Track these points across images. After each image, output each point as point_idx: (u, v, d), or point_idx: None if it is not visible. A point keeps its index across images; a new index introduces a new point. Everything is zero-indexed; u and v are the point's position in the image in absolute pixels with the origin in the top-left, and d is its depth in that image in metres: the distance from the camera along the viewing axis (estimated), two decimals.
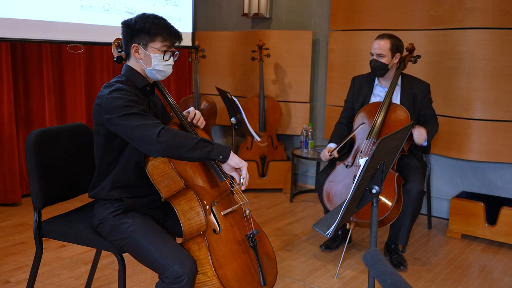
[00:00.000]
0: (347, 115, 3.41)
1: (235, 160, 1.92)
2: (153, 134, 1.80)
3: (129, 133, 1.85)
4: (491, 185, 3.87)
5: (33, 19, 3.77)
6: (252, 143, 4.68)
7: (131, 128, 1.83)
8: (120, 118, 1.84)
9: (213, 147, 1.87)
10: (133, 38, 2.00)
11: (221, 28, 5.33)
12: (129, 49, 2.03)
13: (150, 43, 2.00)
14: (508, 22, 3.54)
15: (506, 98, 3.61)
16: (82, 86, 4.46)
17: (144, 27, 1.98)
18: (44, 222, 2.20)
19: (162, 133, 1.81)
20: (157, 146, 1.80)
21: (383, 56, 3.16)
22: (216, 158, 1.89)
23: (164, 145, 1.80)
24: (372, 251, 1.06)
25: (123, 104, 1.86)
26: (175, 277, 1.84)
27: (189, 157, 1.85)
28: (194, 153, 1.83)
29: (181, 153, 1.83)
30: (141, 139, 1.83)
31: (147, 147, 1.83)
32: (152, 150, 1.83)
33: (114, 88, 1.91)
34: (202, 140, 1.86)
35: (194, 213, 2.00)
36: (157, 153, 1.84)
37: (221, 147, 1.89)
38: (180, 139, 1.82)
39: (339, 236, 3.42)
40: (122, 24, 2.05)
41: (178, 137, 1.83)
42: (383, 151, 1.80)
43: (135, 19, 2.02)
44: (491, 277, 3.05)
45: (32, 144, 2.11)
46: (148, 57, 2.01)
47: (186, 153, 1.83)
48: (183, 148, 1.82)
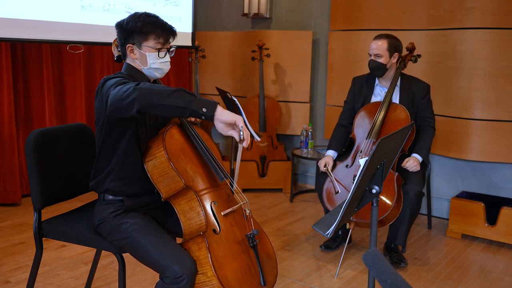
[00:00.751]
0: (347, 116, 3.41)
1: (226, 114, 1.71)
2: (131, 87, 1.73)
3: (114, 98, 1.75)
4: (491, 185, 3.87)
5: (33, 19, 3.77)
6: (252, 143, 4.68)
7: (116, 92, 1.75)
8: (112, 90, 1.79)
9: (195, 98, 1.70)
10: (127, 39, 2.00)
11: (221, 28, 5.33)
12: (124, 50, 2.03)
13: (144, 42, 1.99)
14: (508, 22, 3.54)
15: (506, 98, 3.61)
16: (82, 86, 4.47)
17: (136, 26, 1.98)
18: (44, 222, 2.20)
19: (140, 84, 1.74)
20: (134, 95, 1.69)
21: (380, 56, 3.16)
22: (198, 110, 1.69)
23: (141, 93, 1.69)
24: (372, 251, 1.06)
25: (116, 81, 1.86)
26: (175, 277, 1.84)
27: (167, 105, 1.68)
28: (172, 101, 1.68)
29: (159, 99, 1.68)
30: (122, 97, 1.73)
31: (127, 101, 1.71)
32: (131, 102, 1.70)
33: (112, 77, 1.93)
34: (183, 90, 1.72)
35: (194, 213, 2.00)
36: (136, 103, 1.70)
37: (206, 100, 1.71)
38: (159, 87, 1.72)
39: (339, 236, 3.42)
40: (115, 25, 2.04)
41: (157, 86, 1.74)
42: (383, 151, 1.80)
43: (127, 19, 2.01)
44: (491, 277, 3.05)
45: (32, 144, 2.11)
46: (143, 57, 2.01)
47: (163, 99, 1.68)
48: (161, 95, 1.69)
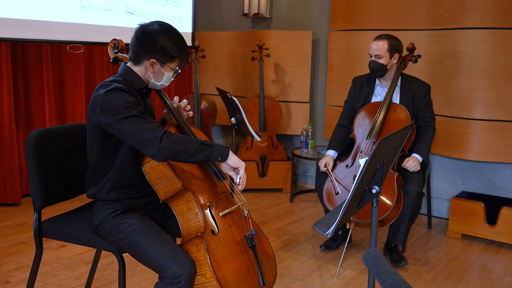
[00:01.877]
0: (347, 116, 3.41)
1: (233, 160, 1.97)
2: (155, 139, 1.82)
3: (130, 138, 1.87)
4: (491, 185, 3.87)
5: (33, 19, 3.77)
6: (252, 143, 4.68)
7: (133, 133, 1.84)
8: (120, 122, 1.83)
9: (213, 150, 1.92)
10: (153, 53, 1.94)
11: (221, 28, 5.33)
12: (142, 58, 1.97)
13: (169, 63, 1.98)
14: (508, 22, 3.54)
15: (506, 98, 3.61)
16: (82, 86, 4.46)
17: (171, 48, 1.94)
18: (44, 222, 2.20)
19: (164, 139, 1.83)
20: (160, 151, 1.83)
21: (381, 57, 3.16)
22: (216, 159, 1.95)
23: (167, 151, 1.84)
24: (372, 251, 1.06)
25: (122, 105, 1.84)
26: (174, 277, 1.84)
27: (191, 161, 1.90)
28: (195, 157, 1.88)
29: (183, 157, 1.88)
30: (143, 144, 1.85)
31: (149, 152, 1.86)
32: (155, 155, 1.86)
33: (112, 88, 1.88)
34: (202, 144, 1.90)
35: (192, 214, 1.99)
36: (160, 158, 1.86)
37: (221, 148, 1.94)
38: (182, 145, 1.86)
39: (339, 236, 3.42)
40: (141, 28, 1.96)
41: (180, 142, 1.86)
42: (383, 151, 1.80)
43: (162, 33, 1.94)
44: (491, 277, 3.05)
45: (32, 144, 2.11)
46: (161, 74, 2.00)
47: (187, 157, 1.88)
48: (185, 153, 1.86)
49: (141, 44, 1.96)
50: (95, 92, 1.93)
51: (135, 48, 1.98)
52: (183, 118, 2.17)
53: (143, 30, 1.96)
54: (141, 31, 1.96)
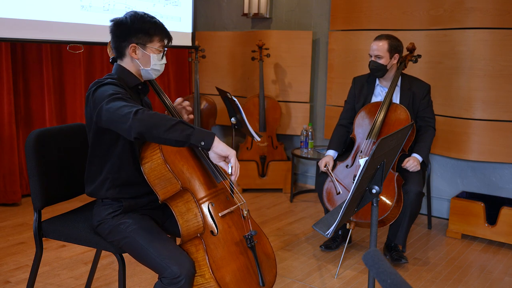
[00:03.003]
0: (347, 116, 3.41)
1: (221, 147, 1.78)
2: (130, 112, 1.73)
3: (111, 117, 1.77)
4: (491, 185, 3.87)
5: (33, 19, 3.77)
6: (252, 143, 4.68)
7: (113, 110, 1.76)
8: (106, 105, 1.80)
9: (193, 131, 1.74)
10: (130, 38, 1.98)
11: (221, 28, 5.33)
12: (123, 48, 2.00)
13: (149, 43, 1.99)
14: (508, 22, 3.54)
15: (506, 98, 3.61)
16: (82, 86, 4.46)
17: (143, 27, 1.98)
18: (44, 222, 2.20)
19: (139, 112, 1.73)
20: (133, 123, 1.71)
21: (381, 57, 3.16)
22: (197, 143, 1.75)
23: (141, 123, 1.71)
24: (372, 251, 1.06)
25: (109, 93, 1.84)
26: (173, 277, 1.84)
27: (167, 138, 1.73)
28: (171, 134, 1.72)
29: (158, 133, 1.72)
30: (120, 120, 1.75)
31: (124, 126, 1.74)
32: (128, 128, 1.73)
33: (103, 82, 1.91)
34: (182, 122, 1.75)
35: (191, 214, 1.99)
36: (133, 131, 1.73)
37: (204, 132, 1.76)
38: (158, 119, 1.73)
39: (339, 236, 3.42)
40: (113, 22, 2.01)
41: (156, 116, 1.74)
42: (383, 151, 1.80)
43: (130, 18, 1.99)
44: (491, 277, 3.05)
45: (32, 144, 2.11)
46: (146, 57, 2.01)
47: (163, 133, 1.72)
48: (160, 128, 1.72)
49: (117, 35, 2.00)
50: (88, 90, 1.94)
51: (115, 43, 2.02)
52: (181, 118, 2.17)
53: (115, 22, 2.01)
54: (114, 25, 2.01)
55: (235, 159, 1.81)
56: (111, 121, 1.79)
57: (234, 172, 1.82)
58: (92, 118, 1.93)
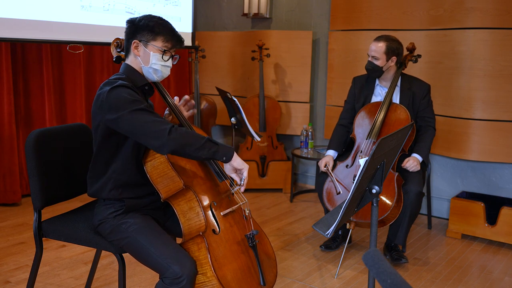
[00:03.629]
0: (347, 116, 3.41)
1: (238, 161, 1.96)
2: (165, 130, 1.83)
3: (138, 130, 1.85)
4: (491, 185, 3.87)
5: (33, 19, 3.77)
6: (252, 143, 4.68)
7: (142, 123, 1.84)
8: (129, 114, 1.85)
9: (218, 148, 1.91)
10: (135, 35, 2.01)
11: (221, 28, 5.33)
12: (129, 45, 2.03)
13: (152, 41, 2.00)
14: (508, 22, 3.54)
15: (506, 98, 3.61)
16: (82, 86, 4.46)
17: (148, 25, 1.99)
18: (44, 222, 2.20)
19: (173, 131, 1.84)
20: (168, 142, 1.83)
21: (377, 59, 3.16)
22: (220, 159, 1.94)
23: (175, 142, 1.83)
24: (372, 251, 1.06)
25: (129, 99, 1.87)
26: (175, 277, 1.84)
27: (196, 156, 1.89)
28: (201, 152, 1.87)
29: (189, 151, 1.86)
30: (152, 135, 1.84)
31: (157, 143, 1.84)
32: (162, 146, 1.84)
33: (117, 84, 1.90)
34: (209, 141, 1.90)
35: (193, 213, 2.00)
36: (167, 149, 1.85)
37: (226, 148, 1.94)
38: (189, 138, 1.86)
39: (339, 236, 3.42)
40: (127, 22, 2.05)
41: (187, 135, 1.87)
42: (383, 151, 1.80)
43: (140, 17, 2.03)
44: (491, 277, 3.05)
45: (32, 144, 2.11)
46: (147, 55, 2.01)
47: (194, 151, 1.87)
48: (192, 146, 1.86)
49: (126, 33, 2.05)
50: (99, 90, 1.94)
51: (125, 40, 2.07)
52: (185, 118, 2.17)
53: (128, 21, 2.05)
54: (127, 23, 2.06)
55: (247, 173, 1.98)
56: (137, 133, 1.86)
57: (244, 183, 1.99)
58: (100, 120, 1.93)
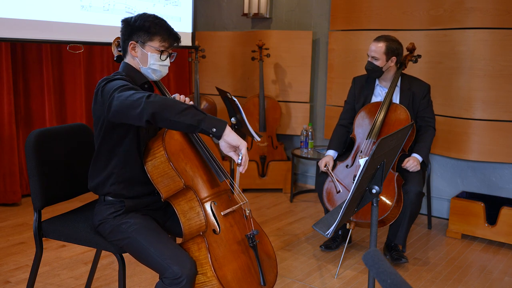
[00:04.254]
0: (347, 116, 3.41)
1: (232, 136, 1.78)
2: (143, 96, 1.72)
3: (121, 104, 1.75)
4: (491, 185, 3.87)
5: (33, 19, 3.77)
6: (252, 143, 4.68)
7: (124, 98, 1.75)
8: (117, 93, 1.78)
9: (206, 117, 1.73)
10: (131, 36, 2.01)
11: (221, 28, 5.33)
12: (126, 46, 2.04)
13: (148, 42, 2.00)
14: (508, 22, 3.54)
15: (506, 98, 3.61)
16: (82, 86, 4.47)
17: (144, 25, 1.99)
18: (44, 222, 2.20)
19: (152, 95, 1.73)
20: (146, 105, 1.70)
21: (377, 59, 3.16)
22: (208, 129, 1.74)
23: (153, 105, 1.70)
24: (372, 251, 1.06)
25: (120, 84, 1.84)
26: (175, 277, 1.84)
27: (178, 121, 1.71)
28: (183, 118, 1.71)
29: (170, 115, 1.71)
30: (131, 104, 1.73)
31: (136, 111, 1.72)
32: (140, 112, 1.71)
33: (112, 78, 1.92)
34: (194, 107, 1.75)
35: (194, 213, 2.00)
36: (146, 113, 1.70)
37: (216, 120, 1.75)
38: (171, 102, 1.74)
39: (339, 236, 3.42)
40: (122, 21, 2.05)
41: (169, 100, 1.75)
42: (383, 151, 1.80)
43: (135, 17, 2.02)
44: (491, 277, 3.05)
45: (32, 144, 2.11)
46: (144, 56, 2.01)
47: (175, 115, 1.71)
48: (173, 110, 1.71)
49: (122, 33, 2.05)
50: (97, 85, 1.94)
51: (121, 40, 2.07)
52: None
53: (123, 21, 2.05)
54: (122, 23, 2.06)
55: (245, 150, 1.82)
56: (122, 109, 1.76)
57: (243, 163, 1.82)
58: (101, 114, 1.93)
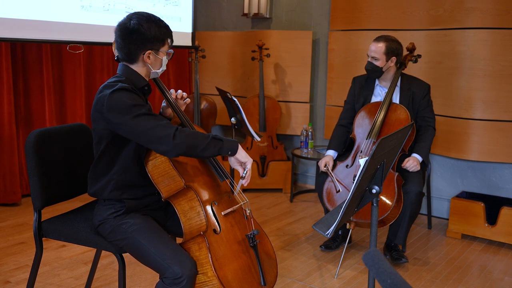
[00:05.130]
0: (347, 116, 3.41)
1: (242, 154, 2.00)
2: (169, 136, 1.85)
3: (142, 136, 1.87)
4: (491, 185, 3.87)
5: (33, 19, 3.77)
6: (252, 143, 4.68)
7: (145, 131, 1.86)
8: (132, 120, 1.85)
9: (223, 143, 1.94)
10: (146, 45, 1.96)
11: (221, 28, 5.33)
12: (137, 55, 1.97)
13: (161, 47, 2.01)
14: (508, 22, 3.54)
15: (506, 98, 3.61)
16: (82, 86, 4.46)
17: (158, 34, 1.97)
18: (44, 222, 2.20)
19: (177, 135, 1.86)
20: (174, 147, 1.85)
21: (377, 59, 3.16)
22: (226, 153, 1.97)
23: (181, 146, 1.86)
24: (372, 251, 1.06)
25: (130, 104, 1.86)
26: (175, 277, 1.84)
27: (202, 156, 1.93)
28: (207, 152, 1.92)
29: (196, 152, 1.90)
30: (157, 141, 1.86)
31: (163, 148, 1.87)
32: (169, 151, 1.87)
33: (118, 88, 1.88)
34: (214, 138, 1.93)
35: (194, 213, 2.00)
36: (174, 154, 1.88)
37: (230, 142, 1.97)
38: (194, 139, 1.89)
39: (339, 236, 3.42)
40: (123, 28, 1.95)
41: (192, 137, 1.89)
42: (383, 151, 1.80)
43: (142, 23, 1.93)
44: (491, 277, 3.05)
45: (32, 144, 2.11)
46: (158, 61, 2.02)
47: (200, 152, 1.90)
48: (198, 147, 1.89)
49: (131, 42, 1.95)
50: (98, 93, 1.92)
51: (127, 49, 1.97)
52: (183, 112, 2.17)
53: (126, 28, 1.95)
54: (123, 30, 1.95)
55: (250, 166, 2.02)
56: (141, 139, 1.89)
57: (247, 177, 2.01)
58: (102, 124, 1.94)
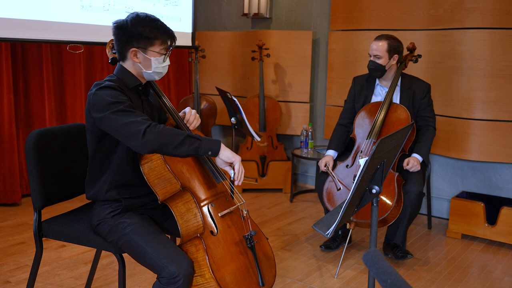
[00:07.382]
0: (347, 116, 3.41)
1: (226, 154, 1.91)
2: (139, 132, 1.80)
3: (117, 132, 1.86)
4: (491, 185, 3.87)
5: (33, 19, 3.77)
6: (252, 143, 4.68)
7: (119, 126, 1.84)
8: (111, 115, 1.85)
9: (200, 143, 1.85)
10: (131, 42, 1.97)
11: (221, 28, 5.33)
12: (125, 52, 1.99)
13: (150, 47, 1.98)
14: (508, 22, 3.54)
15: (506, 98, 3.61)
16: (82, 86, 4.47)
17: (144, 31, 1.95)
18: (44, 222, 2.20)
19: (147, 132, 1.80)
20: (144, 144, 1.81)
21: (380, 58, 3.16)
22: (205, 153, 1.87)
23: (151, 143, 1.81)
24: (372, 251, 1.06)
25: (110, 101, 1.86)
26: (171, 277, 1.84)
27: (177, 154, 1.84)
28: (181, 150, 1.82)
29: (168, 150, 1.83)
30: (128, 137, 1.83)
31: (135, 144, 1.83)
32: (139, 147, 1.83)
33: (103, 85, 1.92)
34: (189, 136, 1.84)
35: (191, 214, 1.99)
36: (144, 151, 1.84)
37: (210, 142, 1.88)
38: (166, 137, 1.81)
39: (339, 236, 3.41)
40: (115, 25, 1.99)
41: (164, 134, 1.82)
42: (383, 151, 1.80)
43: (131, 21, 1.96)
44: (491, 277, 3.05)
45: (32, 144, 2.11)
46: (147, 61, 1.99)
47: (173, 150, 1.82)
48: (170, 145, 1.81)
49: (119, 38, 1.99)
50: (89, 91, 1.95)
51: (117, 46, 2.02)
52: (181, 119, 2.16)
53: (117, 25, 1.99)
54: (115, 28, 2.00)
55: (239, 165, 1.93)
56: (117, 134, 1.87)
57: (237, 177, 1.93)
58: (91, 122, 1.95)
